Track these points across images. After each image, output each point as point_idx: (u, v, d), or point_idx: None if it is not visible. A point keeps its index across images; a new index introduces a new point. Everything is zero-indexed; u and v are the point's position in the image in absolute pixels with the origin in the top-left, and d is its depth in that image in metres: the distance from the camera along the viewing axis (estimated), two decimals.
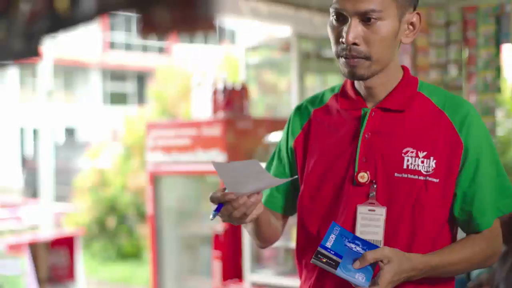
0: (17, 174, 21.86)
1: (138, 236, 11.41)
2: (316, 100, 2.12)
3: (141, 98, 24.56)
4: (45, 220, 9.48)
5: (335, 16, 1.90)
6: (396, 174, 1.90)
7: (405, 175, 1.89)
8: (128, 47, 26.73)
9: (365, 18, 1.84)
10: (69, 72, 25.49)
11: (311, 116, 2.08)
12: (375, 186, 1.90)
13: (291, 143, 2.10)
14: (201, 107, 5.51)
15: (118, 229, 11.53)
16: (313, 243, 1.98)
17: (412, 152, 1.90)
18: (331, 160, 1.98)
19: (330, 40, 1.94)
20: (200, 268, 5.70)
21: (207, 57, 13.87)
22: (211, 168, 5.07)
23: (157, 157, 5.59)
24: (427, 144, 1.90)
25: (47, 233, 8.62)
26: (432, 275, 1.89)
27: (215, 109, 5.34)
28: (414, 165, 1.89)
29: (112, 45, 26.30)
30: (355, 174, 1.92)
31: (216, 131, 5.09)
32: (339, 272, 1.73)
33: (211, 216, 1.83)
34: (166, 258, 5.78)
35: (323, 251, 1.78)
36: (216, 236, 4.98)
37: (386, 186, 1.90)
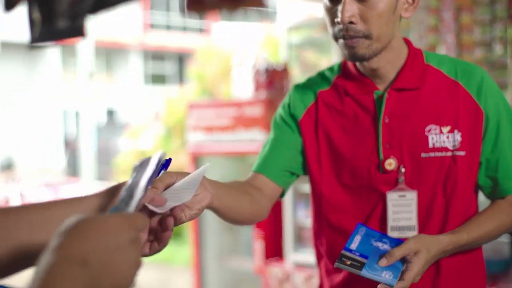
0: (59, 155, 22.12)
1: None
2: (319, 81, 2.03)
3: (181, 78, 24.66)
4: None
5: None
6: (423, 155, 1.85)
7: (432, 154, 1.85)
8: (168, 27, 26.82)
9: None
10: (109, 54, 25.67)
11: (317, 98, 1.99)
12: (403, 170, 1.85)
13: (297, 119, 2.00)
14: (242, 87, 5.50)
15: None
16: (335, 234, 1.95)
17: (435, 129, 1.85)
18: (351, 149, 1.91)
19: (326, 22, 1.86)
20: (242, 248, 5.71)
21: (247, 37, 13.85)
22: (252, 148, 5.08)
23: (198, 137, 5.59)
24: (448, 118, 1.86)
25: None
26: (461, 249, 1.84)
27: (256, 89, 5.32)
28: (440, 142, 1.85)
29: (152, 26, 26.40)
30: (381, 161, 1.86)
31: (257, 110, 5.07)
32: (364, 272, 1.65)
33: None
34: (207, 238, 5.80)
35: (348, 253, 1.70)
36: None
37: (415, 168, 1.85)
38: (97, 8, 0.96)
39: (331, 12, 1.81)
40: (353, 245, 1.74)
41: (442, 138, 1.84)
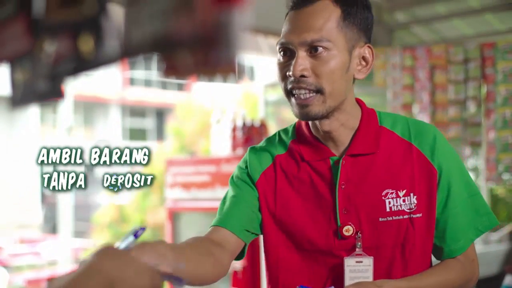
0: (36, 210, 21.94)
1: None
2: (275, 143, 2.01)
3: (160, 134, 24.68)
4: (64, 255, 9.52)
5: (282, 53, 1.83)
6: (380, 219, 1.84)
7: (390, 218, 1.84)
8: (147, 83, 26.92)
9: (312, 49, 1.77)
10: (88, 108, 25.68)
11: (275, 162, 1.97)
12: (360, 236, 1.84)
13: (254, 181, 1.97)
14: (220, 144, 5.53)
15: None
16: None
17: (392, 193, 1.84)
18: (308, 215, 1.89)
19: (278, 80, 1.85)
20: None
21: (226, 94, 13.95)
22: None
23: (176, 193, 5.60)
24: (404, 181, 1.85)
25: (65, 268, 8.65)
26: None
27: (234, 146, 5.35)
28: (397, 206, 1.84)
29: (131, 82, 26.49)
30: (339, 228, 1.85)
31: (235, 167, 5.09)
32: None
33: None
34: None
35: None
36: (235, 273, 4.97)
37: (372, 233, 1.84)
38: (78, 70, 0.99)
39: (283, 66, 1.82)
40: None
41: (399, 201, 1.84)
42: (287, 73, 1.79)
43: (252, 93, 11.55)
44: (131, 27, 0.99)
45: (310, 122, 1.92)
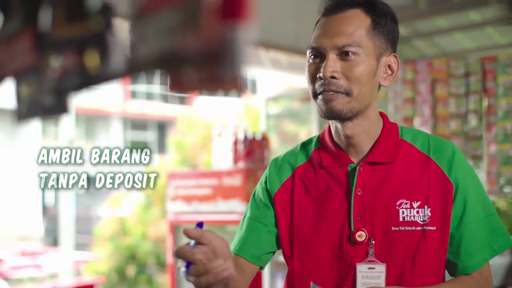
0: (37, 222, 21.92)
1: (157, 286, 11.37)
2: (297, 154, 2.07)
3: (161, 147, 24.68)
4: (65, 268, 9.52)
5: (312, 56, 1.89)
6: (393, 228, 1.86)
7: (402, 228, 1.86)
8: (149, 96, 26.93)
9: (343, 53, 1.83)
10: (90, 121, 25.69)
11: (294, 174, 2.03)
12: (373, 242, 1.87)
13: (272, 194, 2.03)
14: (222, 157, 5.53)
15: (137, 278, 11.49)
16: None
17: (406, 203, 1.87)
18: (324, 221, 1.93)
19: (307, 82, 1.91)
20: None
21: (227, 107, 13.96)
22: (232, 218, 5.04)
23: (177, 206, 5.60)
24: (419, 193, 1.88)
25: (67, 281, 8.64)
26: None
27: (236, 159, 5.36)
28: (410, 216, 1.86)
29: (133, 95, 26.51)
30: (352, 233, 1.88)
31: (237, 180, 5.09)
32: None
33: (182, 273, 1.63)
34: None
35: None
36: None
37: (384, 241, 1.87)
38: (83, 86, 0.99)
39: (313, 68, 1.88)
40: None
41: (413, 212, 1.86)
42: (318, 75, 1.85)
43: (253, 107, 11.55)
44: (137, 43, 1.01)
45: (333, 130, 1.98)
